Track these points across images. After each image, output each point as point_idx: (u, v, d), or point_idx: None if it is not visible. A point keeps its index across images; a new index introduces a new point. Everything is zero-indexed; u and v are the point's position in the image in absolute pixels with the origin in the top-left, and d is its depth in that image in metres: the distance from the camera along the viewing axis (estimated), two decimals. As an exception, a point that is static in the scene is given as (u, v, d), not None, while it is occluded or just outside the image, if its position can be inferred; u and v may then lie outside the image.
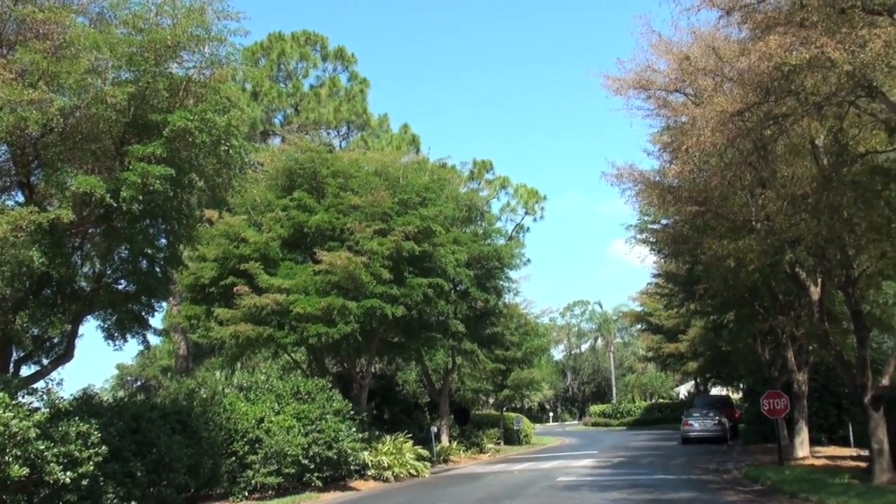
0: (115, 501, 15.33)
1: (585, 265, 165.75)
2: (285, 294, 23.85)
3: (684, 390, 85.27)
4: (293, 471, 21.79)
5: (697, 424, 40.40)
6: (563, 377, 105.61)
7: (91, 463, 14.40)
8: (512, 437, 50.30)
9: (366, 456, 25.18)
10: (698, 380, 66.78)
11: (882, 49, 12.29)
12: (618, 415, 78.77)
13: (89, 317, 18.27)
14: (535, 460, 34.38)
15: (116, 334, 18.87)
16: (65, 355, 17.66)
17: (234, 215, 25.66)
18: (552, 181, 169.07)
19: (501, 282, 34.35)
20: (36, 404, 14.73)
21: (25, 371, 17.98)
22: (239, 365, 29.55)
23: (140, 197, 14.29)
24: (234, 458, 21.07)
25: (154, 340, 49.08)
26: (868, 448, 19.58)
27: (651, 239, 27.99)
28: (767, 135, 16.84)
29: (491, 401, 59.71)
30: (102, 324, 18.77)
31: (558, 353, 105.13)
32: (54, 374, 17.17)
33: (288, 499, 21.10)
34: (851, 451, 27.05)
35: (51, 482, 13.87)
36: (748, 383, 43.97)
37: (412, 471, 26.87)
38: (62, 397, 15.57)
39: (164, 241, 17.96)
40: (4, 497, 13.39)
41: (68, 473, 13.93)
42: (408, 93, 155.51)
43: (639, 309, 61.16)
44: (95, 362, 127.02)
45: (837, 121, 16.37)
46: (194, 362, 42.18)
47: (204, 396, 21.68)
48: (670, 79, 21.07)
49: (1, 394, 12.98)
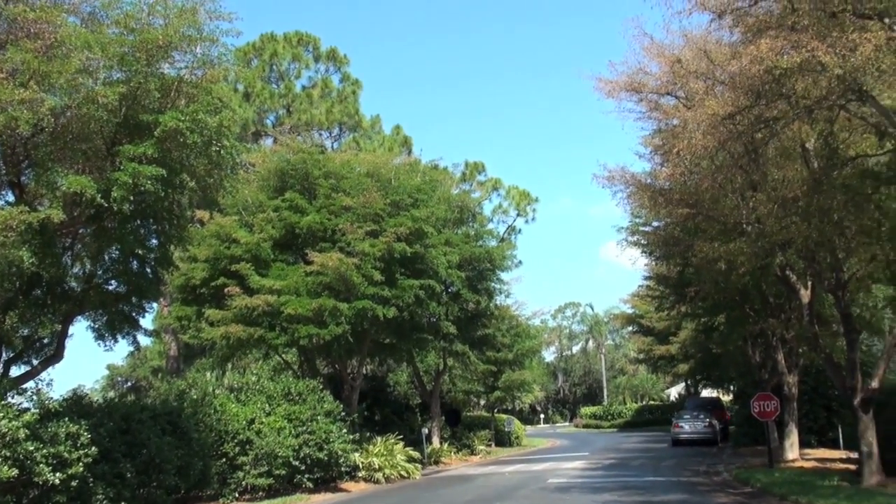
0: (105, 502, 15.29)
1: (577, 267, 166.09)
2: (276, 295, 23.81)
3: (675, 392, 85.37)
4: (284, 472, 21.76)
5: (688, 426, 40.48)
6: (555, 379, 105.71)
7: (80, 464, 14.36)
8: (503, 439, 50.28)
9: (357, 457, 25.16)
10: (689, 382, 66.90)
11: (872, 53, 12.36)
12: (609, 416, 78.87)
13: (79, 317, 18.20)
14: (527, 462, 34.40)
15: (107, 335, 18.80)
16: (55, 356, 17.60)
17: (226, 216, 25.61)
18: (544, 185, 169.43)
19: (493, 283, 34.34)
20: (25, 405, 14.69)
21: (15, 371, 17.90)
22: (230, 366, 29.49)
23: (131, 197, 14.25)
24: (225, 460, 21.01)
25: (145, 341, 48.95)
26: (857, 450, 19.63)
27: (642, 241, 28.05)
28: (758, 138, 16.90)
29: (482, 402, 59.67)
30: (93, 324, 18.70)
31: (549, 355, 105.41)
32: (44, 375, 17.09)
33: (278, 500, 21.06)
34: (841, 454, 27.10)
35: (40, 483, 13.84)
36: (738, 385, 44.05)
37: (403, 472, 26.85)
38: (52, 398, 15.53)
39: (155, 242, 17.91)
40: (-7, 498, 13.36)
41: (57, 474, 13.90)
42: (400, 94, 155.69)
43: (630, 311, 61.29)
44: (86, 363, 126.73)
45: (828, 124, 16.45)
46: (185, 363, 42.08)
47: (194, 397, 21.61)
48: (662, 81, 21.15)
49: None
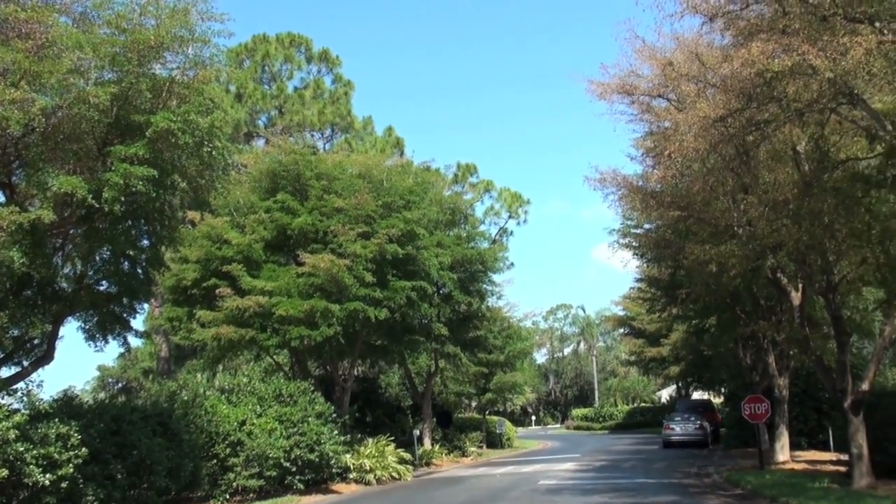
0: (95, 504, 15.26)
1: (569, 269, 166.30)
2: (268, 296, 23.77)
3: (666, 394, 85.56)
4: (275, 474, 21.72)
5: (679, 428, 40.57)
6: (546, 381, 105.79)
7: (71, 465, 14.31)
8: (494, 441, 50.28)
9: (348, 459, 25.14)
10: (680, 384, 67.08)
11: (863, 57, 12.41)
12: (600, 418, 79.02)
13: (70, 318, 18.13)
14: (518, 464, 34.41)
15: (97, 336, 18.72)
16: (45, 357, 17.51)
17: (217, 217, 25.57)
18: (536, 187, 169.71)
19: (485, 285, 34.39)
20: (15, 406, 14.66)
21: (5, 372, 17.80)
22: (221, 367, 29.44)
23: (122, 198, 14.20)
24: (216, 461, 20.95)
25: (136, 342, 48.95)
26: (848, 452, 19.68)
27: (634, 243, 28.08)
28: (749, 141, 16.95)
29: (473, 404, 59.67)
30: (83, 325, 18.62)
31: (541, 357, 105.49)
32: (34, 376, 17.03)
33: (269, 502, 21.02)
34: (831, 456, 27.18)
35: (30, 484, 13.80)
36: (729, 388, 44.16)
37: (394, 474, 26.83)
38: (42, 399, 15.50)
39: (146, 243, 17.83)
40: (-18, 498, 13.32)
41: (48, 475, 13.86)
42: (392, 96, 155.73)
43: (621, 313, 61.47)
44: (76, 364, 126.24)
45: (819, 127, 16.50)
46: (176, 364, 41.99)
47: (185, 399, 21.55)
48: (654, 84, 21.18)
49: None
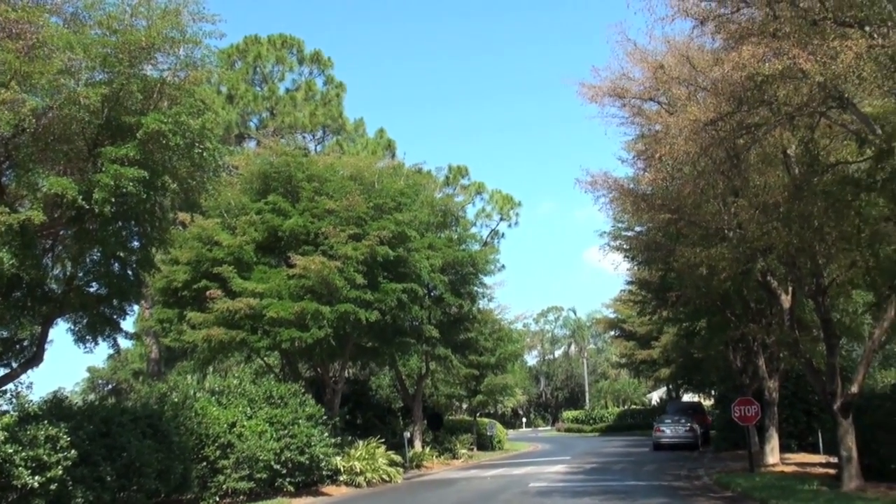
0: (84, 506, 15.18)
1: (560, 272, 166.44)
2: (259, 298, 23.73)
3: (656, 397, 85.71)
4: (265, 476, 21.67)
5: (669, 431, 40.63)
6: (537, 383, 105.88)
7: (60, 467, 14.25)
8: (485, 443, 50.27)
9: (338, 461, 25.11)
10: (670, 386, 67.20)
11: (853, 61, 12.46)
12: (591, 421, 79.10)
13: (60, 319, 18.06)
14: (508, 466, 34.41)
15: (87, 337, 18.65)
16: (34, 358, 17.43)
17: (208, 218, 25.53)
18: (527, 188, 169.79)
19: (476, 287, 34.40)
20: (4, 407, 14.64)
21: (-6, 374, 17.75)
22: (211, 369, 29.38)
23: (112, 199, 14.14)
24: (206, 463, 20.87)
25: (125, 344, 48.77)
26: (837, 455, 19.75)
27: (625, 246, 28.16)
28: (740, 144, 17.00)
29: (464, 406, 59.63)
30: (73, 326, 18.55)
31: (532, 359, 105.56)
32: (23, 378, 16.98)
33: (259, 504, 21.02)
34: (821, 458, 27.26)
35: (18, 486, 13.73)
36: (720, 390, 44.27)
37: (385, 476, 26.79)
38: (31, 400, 15.43)
39: (137, 244, 17.75)
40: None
41: (36, 478, 13.80)
42: (384, 98, 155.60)
43: (612, 315, 61.56)
44: (66, 365, 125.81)
45: (809, 131, 16.55)
46: (166, 366, 41.85)
47: (175, 400, 21.48)
48: (645, 87, 21.25)
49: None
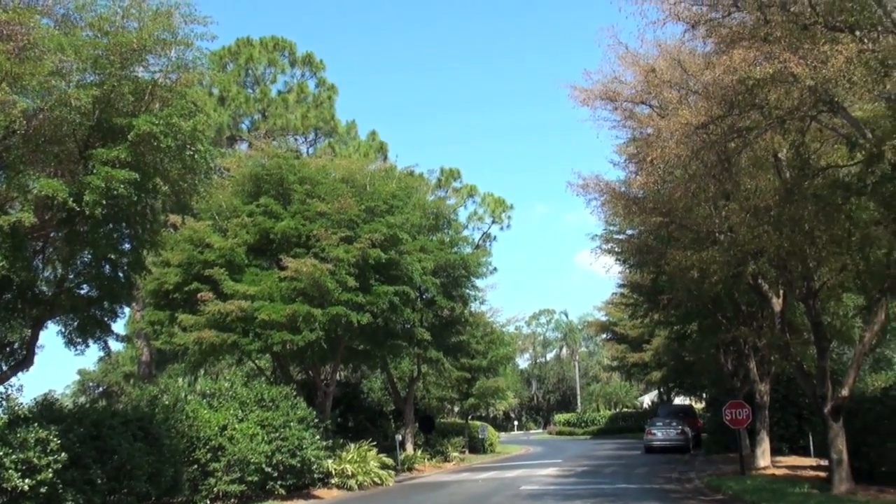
0: (74, 509, 15.12)
1: (551, 274, 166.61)
2: (250, 300, 23.68)
3: (648, 399, 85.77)
4: (256, 479, 21.62)
5: (661, 434, 40.68)
6: (529, 386, 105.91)
7: (50, 470, 14.20)
8: (477, 446, 50.25)
9: (329, 464, 25.07)
10: (662, 389, 67.28)
11: (843, 65, 12.51)
12: (582, 424, 79.18)
13: (50, 322, 17.99)
14: (500, 469, 34.41)
15: (77, 340, 18.59)
16: (24, 361, 17.37)
17: (199, 221, 25.46)
18: (519, 191, 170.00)
19: (468, 290, 34.41)
20: (-6, 410, 14.54)
21: (-16, 376, 17.67)
22: (202, 371, 29.28)
23: (103, 201, 14.11)
24: (197, 466, 20.83)
25: (116, 346, 48.65)
26: (828, 458, 19.80)
27: (616, 249, 28.18)
28: (731, 147, 17.04)
29: (456, 409, 59.58)
30: (63, 329, 18.49)
31: (524, 362, 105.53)
32: (14, 380, 16.92)
33: (250, 507, 20.98)
34: (812, 461, 27.30)
35: (8, 489, 13.69)
36: (711, 393, 44.39)
37: (376, 479, 26.77)
38: (21, 403, 15.38)
39: (128, 246, 17.71)
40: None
41: (27, 480, 13.75)
42: (376, 100, 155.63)
43: (604, 318, 61.66)
44: (57, 368, 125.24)
45: (800, 135, 16.60)
46: (157, 369, 41.74)
47: (166, 403, 21.43)
48: (636, 90, 21.28)
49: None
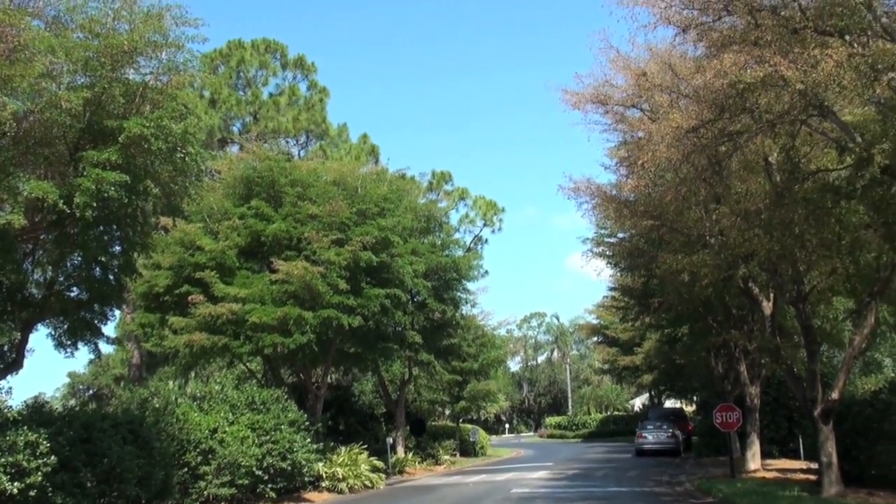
0: (64, 513, 15.05)
1: (543, 277, 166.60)
2: (241, 303, 23.63)
3: (639, 403, 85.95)
4: (247, 482, 21.55)
5: (651, 437, 40.72)
6: (520, 389, 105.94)
7: (39, 473, 14.11)
8: (468, 449, 50.24)
9: (320, 467, 25.02)
10: (653, 392, 67.42)
11: (833, 69, 12.56)
12: (573, 427, 79.20)
13: (40, 324, 17.93)
14: (491, 472, 34.38)
15: (67, 342, 18.53)
16: (14, 363, 17.31)
17: (190, 223, 25.35)
18: (510, 193, 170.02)
19: (459, 293, 34.37)
20: (-17, 413, 14.45)
21: (-27, 379, 17.60)
22: (193, 374, 29.19)
23: (94, 203, 14.05)
24: (187, 469, 20.74)
25: (107, 349, 48.29)
26: (818, 461, 19.86)
27: (607, 252, 28.24)
28: (722, 151, 17.09)
29: (447, 412, 59.66)
30: (53, 332, 18.42)
31: (515, 365, 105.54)
32: (3, 383, 16.89)
33: (241, 510, 20.90)
34: (802, 464, 27.38)
35: (-3, 493, 13.60)
36: (702, 396, 44.50)
37: (367, 482, 26.73)
38: (10, 406, 15.28)
39: (118, 249, 17.66)
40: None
41: (16, 484, 13.65)
42: (368, 103, 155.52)
43: (595, 321, 61.75)
44: (47, 370, 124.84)
45: (790, 139, 16.65)
46: (148, 371, 41.60)
47: (157, 406, 21.34)
48: (627, 94, 21.34)
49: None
